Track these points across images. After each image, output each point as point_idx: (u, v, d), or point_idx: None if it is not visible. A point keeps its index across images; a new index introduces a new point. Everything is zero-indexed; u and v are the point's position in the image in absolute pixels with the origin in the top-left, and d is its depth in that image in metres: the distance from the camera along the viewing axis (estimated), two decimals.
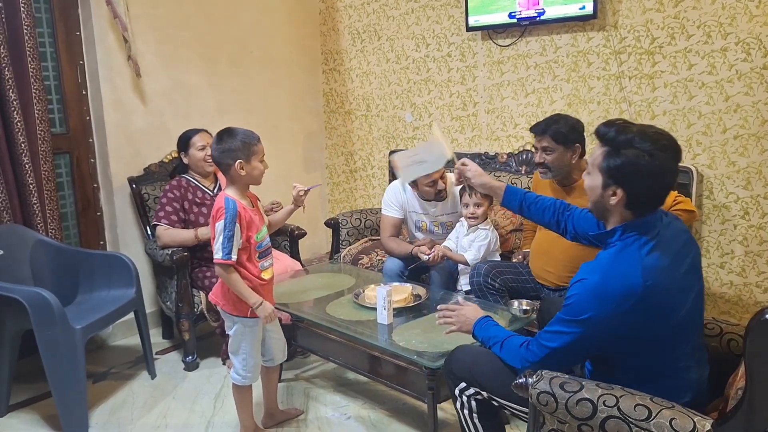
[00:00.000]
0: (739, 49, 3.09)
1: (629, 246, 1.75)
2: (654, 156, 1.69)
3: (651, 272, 1.68)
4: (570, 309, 1.76)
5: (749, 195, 3.16)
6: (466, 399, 2.03)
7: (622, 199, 1.75)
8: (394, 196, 3.44)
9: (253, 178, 2.49)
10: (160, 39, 3.83)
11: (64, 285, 3.17)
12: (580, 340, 1.76)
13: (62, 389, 2.74)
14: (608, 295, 1.69)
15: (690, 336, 1.79)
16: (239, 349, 2.55)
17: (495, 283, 2.91)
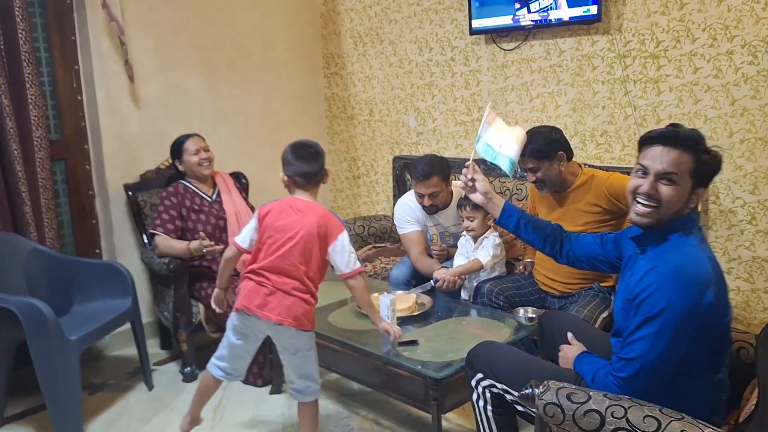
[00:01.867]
0: (745, 52, 3.05)
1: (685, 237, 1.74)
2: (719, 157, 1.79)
3: (712, 259, 1.70)
4: (646, 305, 1.68)
5: (756, 200, 3.12)
6: (482, 390, 2.04)
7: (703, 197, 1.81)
8: (406, 212, 3.36)
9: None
10: (156, 43, 3.78)
11: (58, 295, 3.11)
12: (671, 335, 1.67)
13: (57, 401, 2.69)
14: (686, 278, 1.65)
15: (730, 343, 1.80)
16: (311, 360, 2.44)
17: (499, 301, 2.88)
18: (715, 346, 1.72)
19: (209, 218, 3.41)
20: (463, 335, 2.55)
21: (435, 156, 3.29)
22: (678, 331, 1.66)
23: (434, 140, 4.31)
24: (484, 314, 2.82)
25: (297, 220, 2.34)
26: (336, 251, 2.34)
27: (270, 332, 2.40)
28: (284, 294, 2.31)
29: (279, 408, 3.00)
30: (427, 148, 4.31)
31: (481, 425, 2.08)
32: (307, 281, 2.33)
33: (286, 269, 2.32)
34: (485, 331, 2.59)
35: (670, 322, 1.65)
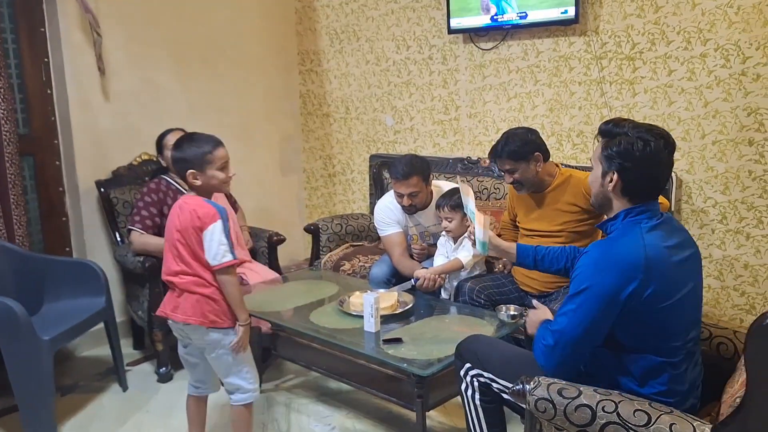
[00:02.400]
0: (718, 56, 3.11)
1: (633, 225, 1.83)
2: (646, 142, 1.78)
3: (652, 247, 1.75)
4: (575, 282, 1.82)
5: (727, 200, 3.19)
6: (470, 379, 2.08)
7: (618, 183, 1.84)
8: (386, 214, 3.35)
9: (211, 186, 2.31)
10: (128, 37, 3.71)
11: (29, 294, 3.02)
12: (589, 314, 1.77)
13: (29, 403, 2.63)
14: (611, 262, 1.76)
15: (685, 329, 1.82)
16: (239, 362, 2.34)
17: (480, 299, 2.89)
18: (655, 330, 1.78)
19: None
20: (447, 333, 2.54)
21: (415, 156, 3.29)
22: (597, 311, 1.77)
23: (411, 139, 4.31)
24: (465, 312, 2.82)
25: (177, 217, 2.27)
26: (206, 240, 2.20)
27: (189, 335, 2.34)
28: (188, 293, 2.25)
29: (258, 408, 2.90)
30: (405, 146, 4.31)
31: (469, 413, 2.11)
32: (205, 275, 2.25)
33: (182, 269, 2.26)
34: (468, 328, 2.58)
35: (589, 301, 1.77)
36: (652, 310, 1.75)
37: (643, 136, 1.79)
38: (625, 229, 1.84)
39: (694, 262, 1.87)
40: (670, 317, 1.77)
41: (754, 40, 3.00)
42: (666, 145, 1.81)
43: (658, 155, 1.79)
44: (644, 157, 1.79)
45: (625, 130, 1.83)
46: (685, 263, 1.81)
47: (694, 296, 1.85)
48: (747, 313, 3.21)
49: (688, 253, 1.83)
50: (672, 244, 1.79)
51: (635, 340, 1.81)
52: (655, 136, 1.80)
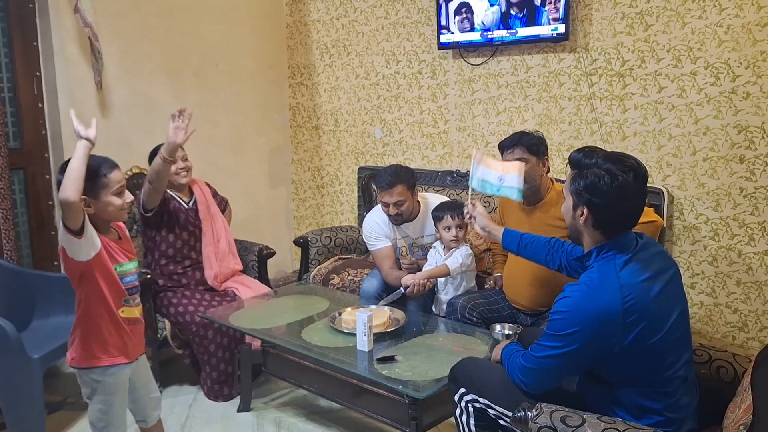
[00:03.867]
0: (708, 73, 3.14)
1: (607, 264, 1.80)
2: (614, 176, 1.76)
3: (629, 289, 1.73)
4: (554, 325, 1.80)
5: (719, 216, 3.21)
6: (464, 405, 2.05)
7: (589, 218, 1.84)
8: (375, 228, 3.35)
9: (108, 214, 2.04)
10: (122, 52, 3.71)
11: (18, 310, 3.00)
12: (567, 355, 1.78)
13: (18, 422, 2.62)
14: (589, 313, 1.73)
15: (678, 356, 1.81)
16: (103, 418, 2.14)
17: (473, 317, 2.88)
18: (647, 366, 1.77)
19: (186, 225, 3.34)
20: (441, 353, 2.52)
21: (400, 166, 3.31)
22: (576, 357, 1.78)
23: (400, 151, 4.32)
24: (459, 330, 2.81)
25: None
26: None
27: None
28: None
29: (248, 426, 2.94)
30: (393, 158, 4.32)
31: None
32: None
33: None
34: (463, 347, 2.58)
35: (570, 345, 1.76)
36: (642, 348, 1.74)
37: (611, 170, 1.77)
38: (600, 270, 1.81)
39: (675, 285, 1.85)
40: (660, 349, 1.76)
41: (743, 59, 3.03)
42: (636, 178, 1.78)
43: (627, 189, 1.77)
44: (613, 192, 1.77)
45: (594, 162, 1.81)
46: (666, 290, 1.79)
47: (683, 320, 1.84)
48: (740, 330, 3.23)
49: (667, 278, 1.81)
50: (648, 276, 1.77)
51: (624, 377, 1.81)
52: (623, 170, 1.77)
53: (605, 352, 1.75)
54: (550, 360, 1.82)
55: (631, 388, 1.80)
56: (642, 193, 1.84)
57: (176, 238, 3.29)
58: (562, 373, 1.88)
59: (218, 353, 3.11)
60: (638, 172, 1.79)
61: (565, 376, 1.91)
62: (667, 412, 1.78)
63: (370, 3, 4.27)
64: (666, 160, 3.31)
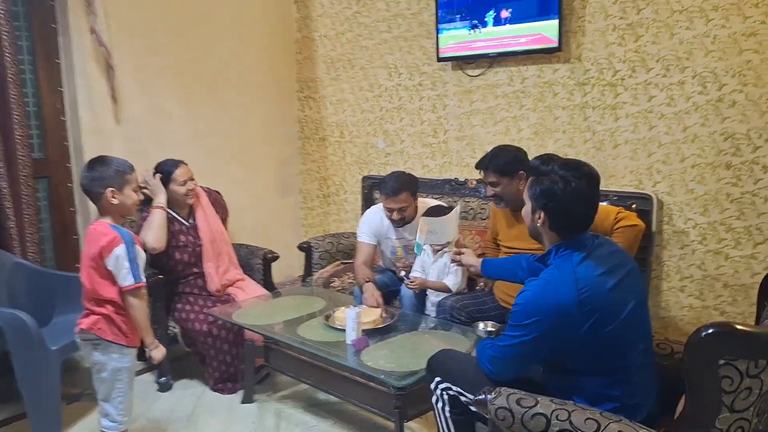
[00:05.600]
0: (695, 83, 3.23)
1: (564, 261, 1.93)
2: (568, 182, 1.91)
3: (584, 282, 1.85)
4: (516, 316, 1.94)
5: (707, 221, 3.29)
6: (440, 392, 2.18)
7: (546, 221, 1.97)
8: (368, 225, 3.51)
9: (126, 207, 2.40)
10: (138, 67, 3.92)
11: (41, 307, 3.21)
12: (528, 344, 1.92)
13: (37, 409, 2.78)
14: (546, 304, 1.87)
15: (633, 345, 1.92)
16: (116, 389, 2.43)
17: (461, 316, 3.01)
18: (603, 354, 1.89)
19: (186, 244, 3.50)
20: (425, 347, 2.64)
21: (403, 173, 3.45)
22: (536, 345, 1.91)
23: (402, 161, 4.47)
24: (446, 328, 2.95)
25: (85, 243, 2.39)
26: (110, 265, 2.30)
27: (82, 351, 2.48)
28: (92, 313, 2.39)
29: (250, 416, 3.11)
30: (395, 168, 4.39)
31: (440, 425, 2.22)
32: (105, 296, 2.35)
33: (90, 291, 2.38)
34: (446, 343, 2.68)
35: (529, 335, 1.90)
36: (597, 337, 1.85)
37: (566, 177, 1.91)
38: (557, 266, 1.94)
39: (631, 281, 1.95)
40: (616, 340, 1.87)
41: (729, 68, 3.12)
42: (589, 183, 1.93)
43: (580, 194, 1.92)
44: (567, 197, 1.91)
45: (550, 169, 1.95)
46: (621, 285, 1.90)
47: (640, 311, 1.95)
48: None
49: (622, 273, 1.92)
50: (604, 271, 1.89)
51: (584, 365, 1.92)
52: (577, 176, 1.91)
53: (563, 340, 1.87)
54: (513, 348, 1.95)
55: (590, 377, 1.92)
56: (595, 198, 1.98)
57: (177, 261, 3.47)
58: (525, 361, 2.01)
59: (221, 354, 3.29)
60: (591, 178, 1.94)
61: (528, 364, 2.04)
62: (624, 399, 1.89)
63: (373, 18, 4.43)
64: (656, 167, 3.41)
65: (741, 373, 1.56)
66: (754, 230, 3.17)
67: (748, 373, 1.56)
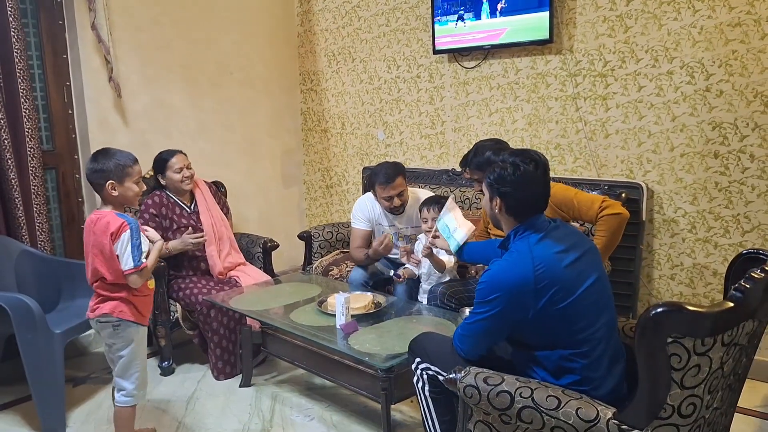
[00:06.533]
0: (683, 73, 3.28)
1: (522, 242, 2.06)
2: (517, 166, 2.06)
3: (540, 259, 1.97)
4: (479, 293, 2.07)
5: (696, 210, 3.34)
6: (420, 372, 2.28)
7: (501, 206, 2.11)
8: (361, 211, 3.62)
9: (127, 198, 2.51)
10: (142, 61, 4.03)
11: (47, 293, 3.35)
12: (491, 318, 2.03)
13: (42, 391, 2.88)
14: (504, 281, 2.00)
15: (593, 319, 2.00)
16: (134, 365, 2.57)
17: (451, 303, 3.09)
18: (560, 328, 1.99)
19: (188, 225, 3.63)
20: (412, 332, 2.66)
21: (389, 161, 3.56)
22: (497, 319, 2.02)
23: (401, 152, 4.55)
24: (435, 314, 3.02)
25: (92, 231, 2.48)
26: (118, 249, 2.42)
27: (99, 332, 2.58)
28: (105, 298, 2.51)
29: (247, 399, 3.22)
30: (394, 159, 4.53)
31: (421, 404, 2.31)
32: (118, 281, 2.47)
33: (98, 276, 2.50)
34: (433, 328, 2.78)
35: (490, 311, 2.02)
36: (553, 311, 1.95)
37: (515, 162, 2.07)
38: (515, 247, 2.07)
39: (590, 258, 2.06)
40: (573, 314, 1.96)
41: (716, 58, 3.16)
42: (537, 167, 2.07)
43: (529, 177, 2.06)
44: (516, 180, 2.06)
45: (501, 158, 2.12)
46: (579, 261, 2.00)
47: (599, 287, 2.03)
48: None
49: (579, 252, 2.02)
50: (560, 249, 2.00)
51: (544, 339, 2.02)
52: (525, 161, 2.06)
53: (523, 315, 1.98)
54: (478, 324, 2.07)
55: (550, 351, 2.01)
56: (544, 181, 2.11)
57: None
58: (491, 336, 2.11)
59: (221, 331, 3.41)
60: (539, 162, 2.08)
61: (494, 339, 2.15)
62: (584, 371, 1.97)
63: (372, 12, 4.51)
64: (646, 156, 3.46)
65: (688, 350, 1.62)
66: (742, 218, 3.22)
67: (695, 350, 1.62)
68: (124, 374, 2.58)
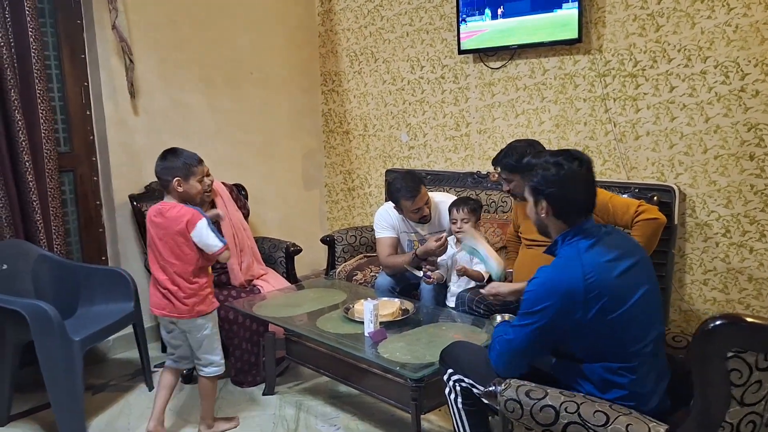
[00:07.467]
0: (717, 72, 3.19)
1: (571, 248, 1.97)
2: (560, 165, 1.98)
3: (590, 267, 1.87)
4: (525, 303, 1.97)
5: (730, 213, 3.25)
6: (452, 384, 2.20)
7: (548, 209, 2.02)
8: (384, 219, 3.54)
9: (190, 195, 2.72)
10: (160, 61, 3.97)
11: (64, 298, 3.28)
12: (537, 331, 1.94)
13: (61, 399, 2.83)
14: (554, 289, 1.90)
15: (642, 333, 1.92)
16: (215, 340, 2.82)
17: (480, 309, 3.01)
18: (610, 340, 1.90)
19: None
20: (442, 339, 2.65)
21: (406, 172, 3.50)
22: (542, 332, 1.93)
23: (425, 154, 4.47)
24: (465, 321, 2.95)
25: (161, 223, 2.68)
26: (196, 237, 2.65)
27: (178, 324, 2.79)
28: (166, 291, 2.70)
29: (271, 408, 3.15)
30: (418, 161, 4.48)
31: (454, 417, 2.24)
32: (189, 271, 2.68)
33: (163, 267, 2.69)
34: (463, 335, 2.72)
35: (536, 323, 1.93)
36: (603, 323, 1.86)
37: (557, 162, 1.99)
38: (564, 254, 1.98)
39: (641, 268, 1.96)
40: (623, 326, 1.88)
41: (752, 57, 3.08)
42: (581, 164, 1.99)
43: (574, 176, 1.98)
44: (562, 179, 1.97)
45: (542, 160, 2.04)
46: (630, 272, 1.91)
47: (649, 300, 1.94)
48: None
49: (631, 261, 1.93)
50: (611, 258, 1.90)
51: (591, 351, 1.93)
52: (568, 160, 1.98)
53: (571, 326, 1.89)
54: (521, 339, 1.97)
55: (597, 363, 1.92)
56: (590, 179, 2.02)
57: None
58: (533, 352, 2.01)
59: (243, 344, 3.33)
60: (582, 160, 1.99)
61: (537, 355, 2.04)
62: (631, 387, 1.89)
63: (395, 11, 4.44)
64: (678, 159, 3.37)
65: (750, 366, 1.55)
66: None
67: (758, 365, 1.55)
68: (211, 349, 2.81)
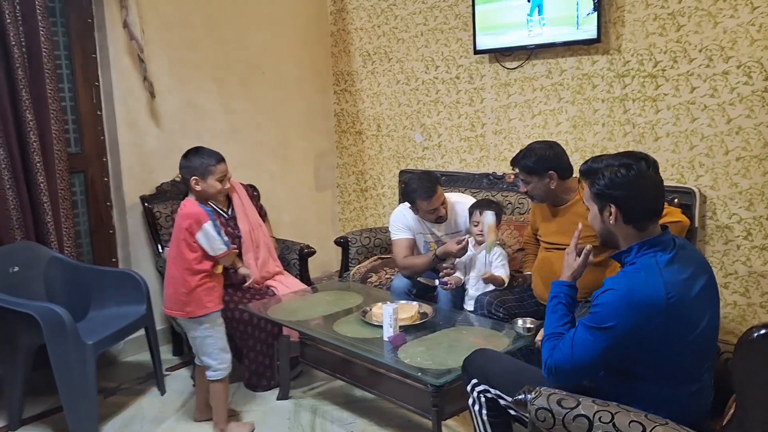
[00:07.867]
0: (740, 73, 3.14)
1: (649, 261, 1.82)
2: (628, 166, 1.84)
3: (671, 285, 1.75)
4: (595, 317, 1.81)
5: (752, 216, 3.20)
6: (476, 395, 2.12)
7: (618, 215, 1.87)
8: (400, 220, 3.49)
9: (209, 194, 2.78)
10: (173, 62, 3.93)
11: (76, 301, 3.24)
12: (603, 349, 1.81)
13: (73, 403, 2.80)
14: (634, 304, 1.75)
15: (702, 359, 1.84)
16: (210, 345, 2.79)
17: (499, 312, 2.96)
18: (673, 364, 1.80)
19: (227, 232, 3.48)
20: (463, 344, 2.61)
21: (422, 173, 3.45)
22: (613, 348, 1.79)
23: (439, 155, 4.42)
24: (484, 325, 2.90)
25: (175, 219, 2.76)
26: (201, 239, 2.66)
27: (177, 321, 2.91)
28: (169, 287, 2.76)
29: (285, 413, 3.11)
30: (432, 162, 4.43)
31: (477, 428, 2.16)
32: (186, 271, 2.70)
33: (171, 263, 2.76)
34: (484, 340, 2.66)
35: (607, 340, 1.79)
36: (672, 346, 1.77)
37: (624, 162, 1.84)
38: (641, 265, 1.83)
39: (710, 289, 1.87)
40: (689, 351, 1.79)
41: None
42: (648, 164, 1.85)
43: (643, 175, 1.84)
44: (631, 180, 1.83)
45: (605, 163, 1.88)
46: (703, 293, 1.81)
47: (712, 325, 1.86)
48: None
49: (704, 281, 1.83)
50: (688, 276, 1.79)
51: (651, 372, 1.83)
52: (634, 160, 1.84)
53: (642, 347, 1.77)
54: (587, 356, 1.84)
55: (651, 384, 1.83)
56: (658, 180, 1.89)
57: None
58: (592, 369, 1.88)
59: (257, 347, 3.29)
60: (648, 159, 1.87)
61: (594, 373, 1.91)
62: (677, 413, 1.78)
63: (409, 10, 4.39)
64: (698, 160, 3.32)
65: None
66: None
67: None
68: (207, 353, 2.80)
